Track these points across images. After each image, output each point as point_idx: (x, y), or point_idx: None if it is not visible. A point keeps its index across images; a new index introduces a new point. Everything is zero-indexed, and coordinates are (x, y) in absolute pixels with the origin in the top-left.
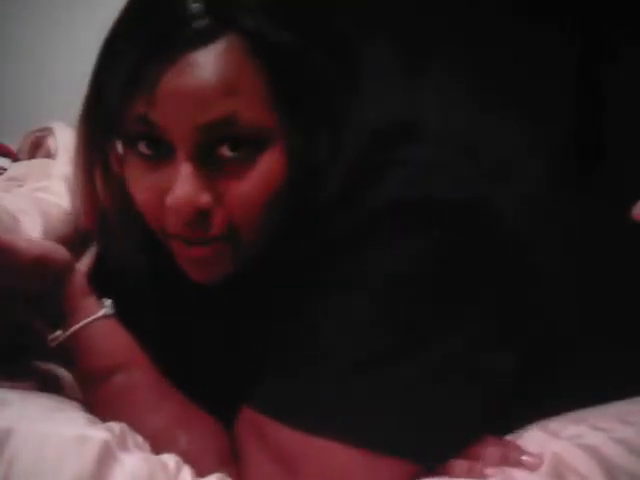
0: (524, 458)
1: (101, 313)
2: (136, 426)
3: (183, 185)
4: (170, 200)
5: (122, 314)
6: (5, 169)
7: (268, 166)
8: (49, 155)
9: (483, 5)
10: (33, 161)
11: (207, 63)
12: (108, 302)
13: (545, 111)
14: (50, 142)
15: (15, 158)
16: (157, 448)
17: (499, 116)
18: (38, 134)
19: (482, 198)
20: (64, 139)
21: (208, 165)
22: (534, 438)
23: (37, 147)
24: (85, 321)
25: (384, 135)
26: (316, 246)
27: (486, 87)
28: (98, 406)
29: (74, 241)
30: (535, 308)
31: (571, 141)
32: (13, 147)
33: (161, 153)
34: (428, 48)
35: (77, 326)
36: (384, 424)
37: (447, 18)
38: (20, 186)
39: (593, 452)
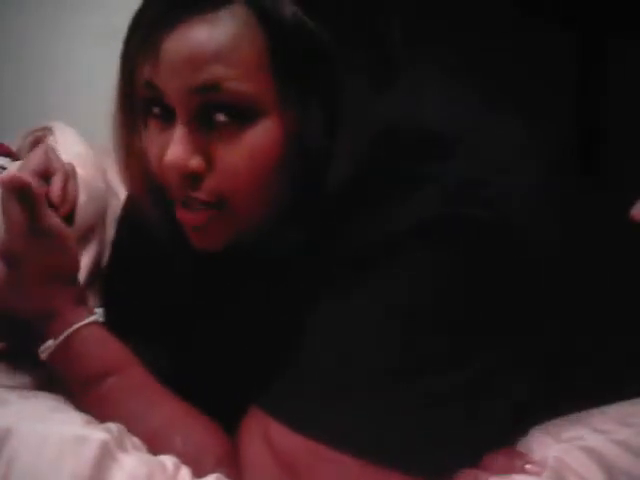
0: (527, 467)
1: (93, 318)
2: (130, 429)
3: (173, 147)
4: (163, 161)
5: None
6: (5, 168)
7: (259, 137)
8: None
9: (483, 6)
10: None
11: (203, 30)
12: (99, 310)
13: (545, 111)
14: (50, 142)
15: (15, 158)
16: (153, 450)
17: (499, 116)
18: (38, 134)
19: (512, 216)
20: (64, 139)
21: (203, 129)
22: (535, 440)
23: (37, 146)
24: (78, 324)
25: (413, 147)
26: (341, 259)
27: (486, 87)
28: (91, 412)
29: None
30: (542, 312)
31: (571, 140)
32: (13, 147)
33: (167, 116)
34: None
35: (70, 330)
36: (397, 439)
37: (447, 19)
38: None
39: (594, 454)
